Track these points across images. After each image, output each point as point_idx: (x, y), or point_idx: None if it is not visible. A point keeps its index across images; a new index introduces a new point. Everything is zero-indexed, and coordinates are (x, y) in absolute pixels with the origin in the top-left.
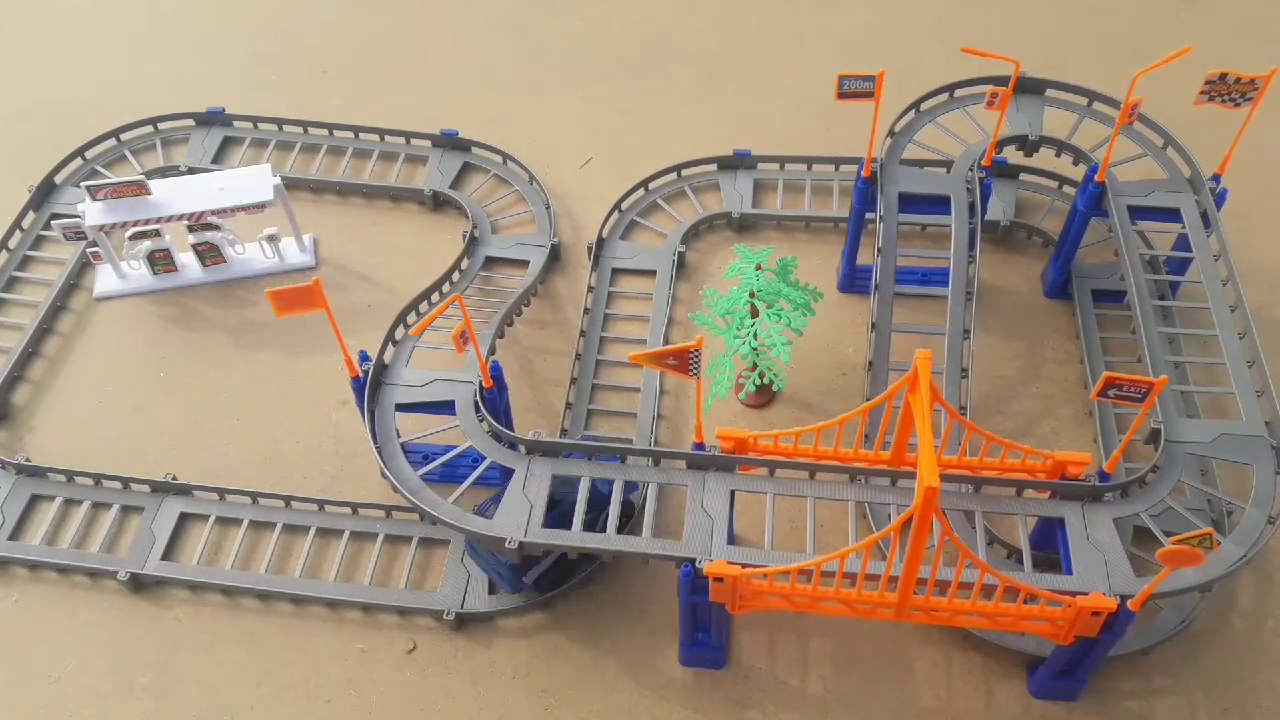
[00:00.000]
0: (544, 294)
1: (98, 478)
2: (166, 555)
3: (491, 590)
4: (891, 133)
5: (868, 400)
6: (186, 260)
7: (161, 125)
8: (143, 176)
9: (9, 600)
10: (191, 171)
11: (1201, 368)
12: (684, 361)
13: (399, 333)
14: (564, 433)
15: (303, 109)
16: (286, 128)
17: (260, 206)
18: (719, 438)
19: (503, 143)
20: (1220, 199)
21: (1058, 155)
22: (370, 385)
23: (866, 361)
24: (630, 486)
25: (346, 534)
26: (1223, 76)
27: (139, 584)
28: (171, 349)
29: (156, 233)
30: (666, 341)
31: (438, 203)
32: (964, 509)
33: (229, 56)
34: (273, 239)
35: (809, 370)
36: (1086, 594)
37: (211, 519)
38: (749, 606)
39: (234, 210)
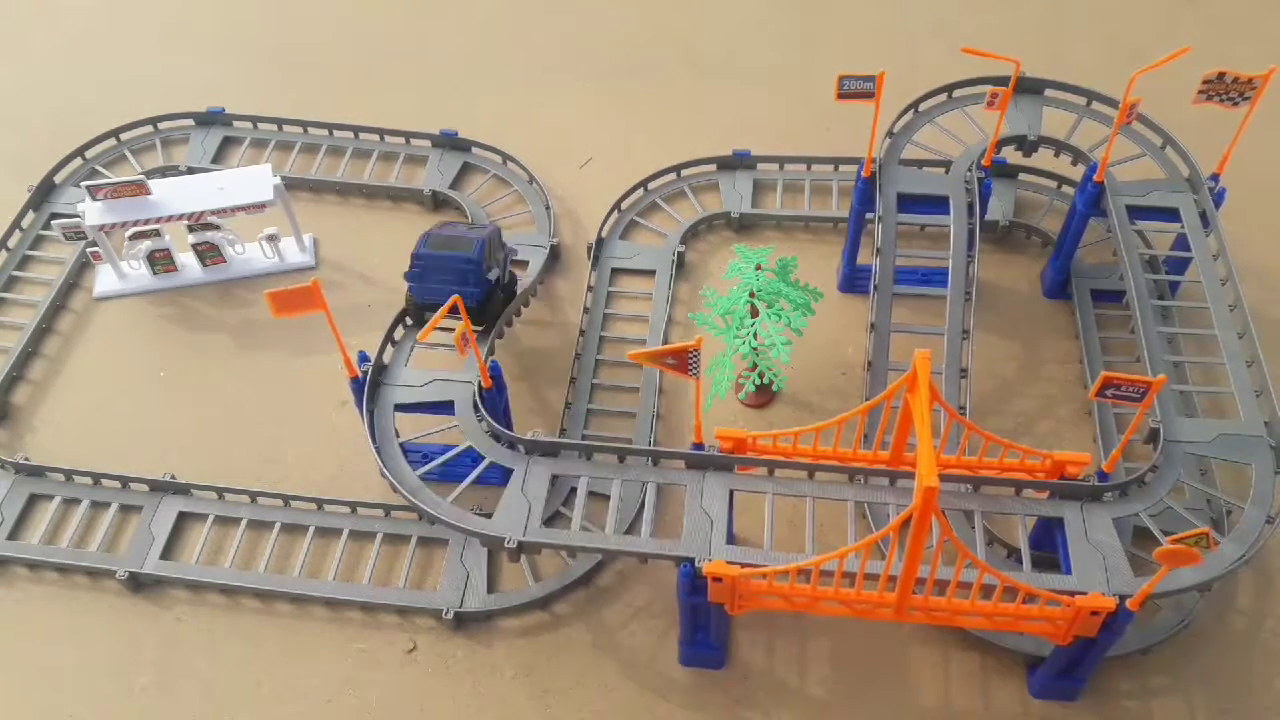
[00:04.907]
0: (543, 294)
1: (96, 477)
2: (165, 554)
3: (490, 589)
4: (890, 133)
5: (867, 400)
6: (186, 260)
7: (161, 125)
8: (143, 176)
9: (9, 600)
10: (191, 171)
11: (1201, 367)
12: (683, 361)
13: (398, 333)
14: (563, 432)
15: (303, 109)
16: (286, 127)
17: (260, 206)
18: (718, 438)
19: (502, 143)
20: (1219, 198)
21: (1056, 155)
22: (369, 385)
23: (866, 361)
24: None
25: (345, 533)
26: (1221, 76)
27: (138, 583)
28: (171, 349)
29: (156, 233)
30: (666, 341)
31: (437, 203)
32: (963, 509)
33: (229, 56)
34: (273, 239)
35: (809, 370)
36: (1085, 593)
37: (210, 518)
38: (748, 606)
39: (234, 210)
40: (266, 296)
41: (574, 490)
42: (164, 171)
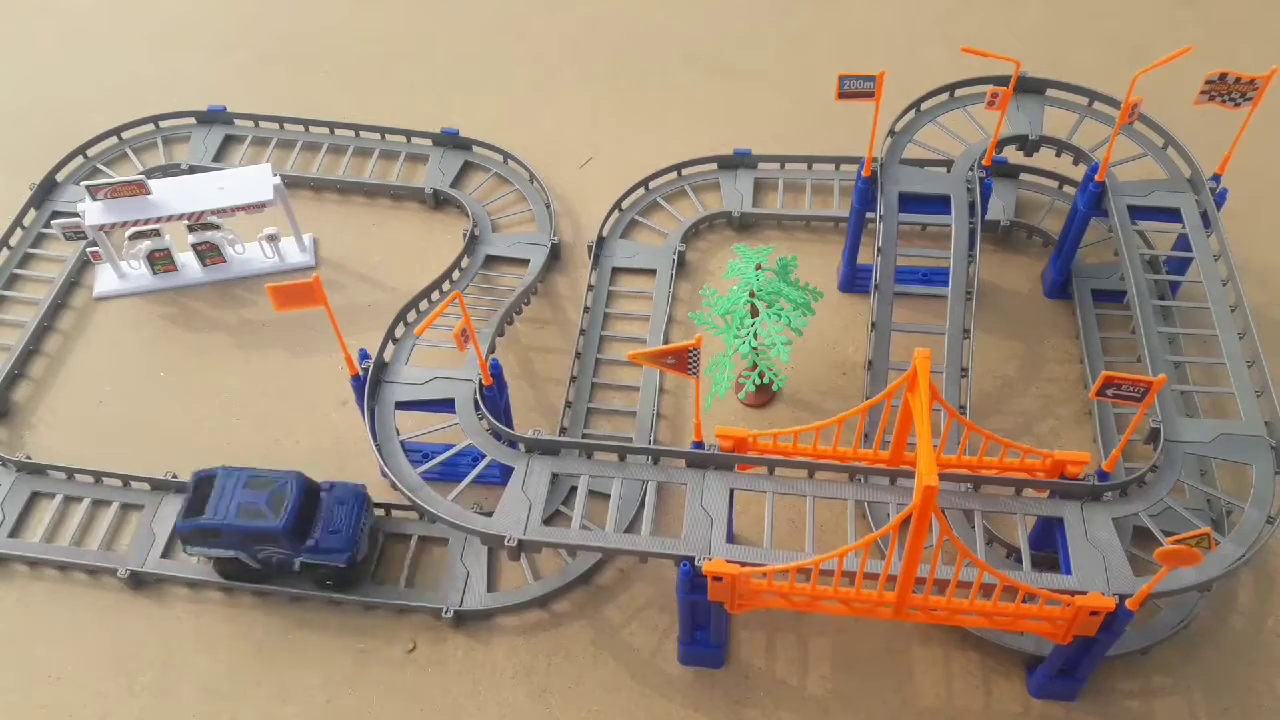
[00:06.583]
0: (544, 292)
1: (98, 475)
2: (166, 553)
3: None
4: (892, 132)
5: (867, 400)
6: (186, 260)
7: (163, 123)
8: (142, 176)
9: (9, 599)
10: (193, 170)
11: (1201, 367)
12: (683, 360)
13: (399, 331)
14: (564, 431)
15: (304, 107)
16: (288, 126)
17: (260, 206)
18: (719, 437)
19: (503, 141)
20: (1220, 199)
21: (1058, 155)
22: (370, 383)
23: (866, 361)
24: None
25: None
26: (1223, 76)
27: (139, 581)
28: (171, 349)
29: (156, 232)
30: (666, 340)
31: (438, 201)
32: (963, 508)
33: (231, 55)
34: (273, 239)
35: (809, 370)
36: (1085, 593)
37: None
38: (748, 606)
39: (234, 210)
40: (269, 290)
41: (574, 489)
42: (166, 169)
